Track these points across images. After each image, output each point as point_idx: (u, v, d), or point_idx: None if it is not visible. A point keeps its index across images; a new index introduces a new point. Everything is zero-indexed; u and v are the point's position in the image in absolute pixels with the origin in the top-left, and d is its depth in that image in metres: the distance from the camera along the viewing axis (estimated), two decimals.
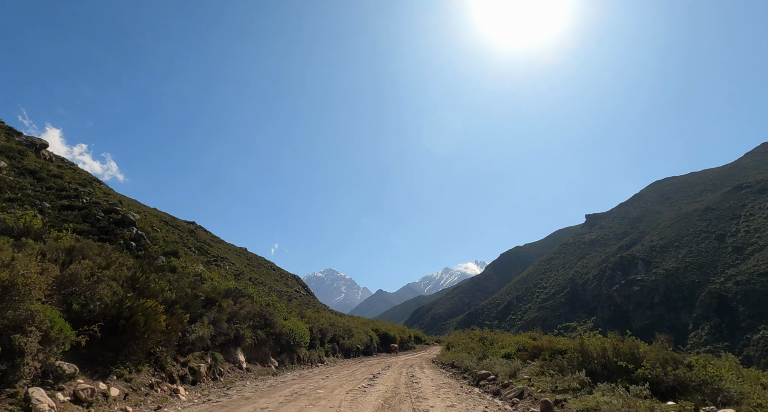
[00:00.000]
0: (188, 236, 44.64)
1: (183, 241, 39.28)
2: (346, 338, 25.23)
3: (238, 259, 55.00)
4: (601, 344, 8.17)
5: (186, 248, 37.02)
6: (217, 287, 12.86)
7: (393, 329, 39.78)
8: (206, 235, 61.02)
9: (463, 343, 19.86)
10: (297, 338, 15.83)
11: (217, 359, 10.51)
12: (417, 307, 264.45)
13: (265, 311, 14.25)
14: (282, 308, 17.15)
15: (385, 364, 17.98)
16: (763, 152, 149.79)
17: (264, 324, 13.88)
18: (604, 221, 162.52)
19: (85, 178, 28.13)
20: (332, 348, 22.56)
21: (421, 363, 18.42)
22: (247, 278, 41.16)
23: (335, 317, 29.59)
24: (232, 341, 11.61)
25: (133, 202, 45.71)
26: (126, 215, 15.25)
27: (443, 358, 18.37)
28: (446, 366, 15.89)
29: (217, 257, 41.80)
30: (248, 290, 15.25)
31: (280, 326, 14.71)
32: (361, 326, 32.17)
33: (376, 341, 32.32)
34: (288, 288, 51.26)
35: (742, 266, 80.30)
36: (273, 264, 67.47)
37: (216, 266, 38.66)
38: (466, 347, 17.46)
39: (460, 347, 19.16)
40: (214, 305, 11.42)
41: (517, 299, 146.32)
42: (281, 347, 15.27)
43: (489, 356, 13.23)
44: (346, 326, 27.29)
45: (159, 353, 8.29)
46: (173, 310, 8.87)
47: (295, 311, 20.50)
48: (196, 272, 13.15)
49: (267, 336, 13.78)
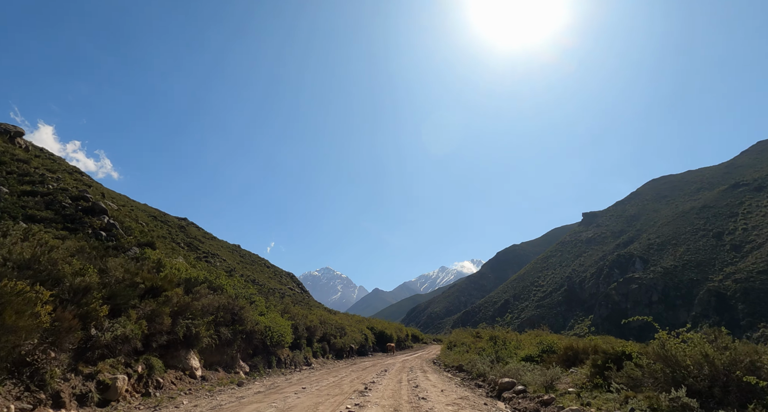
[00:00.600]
0: (178, 231, 43.09)
1: (172, 236, 37.76)
2: (337, 337, 23.32)
3: (230, 256, 53.50)
4: (700, 349, 5.64)
5: (174, 244, 35.52)
6: (171, 275, 10.22)
7: (389, 328, 38.38)
8: (198, 231, 59.44)
9: (467, 342, 18.42)
10: (276, 337, 13.65)
11: (153, 367, 7.96)
12: (413, 305, 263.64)
13: (233, 305, 11.79)
14: (260, 301, 14.95)
15: (381, 367, 16.20)
16: (759, 151, 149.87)
17: (231, 320, 11.51)
18: (601, 219, 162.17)
19: (65, 169, 26.58)
20: (322, 348, 20.58)
21: (422, 365, 16.63)
22: (238, 275, 39.73)
23: (327, 315, 27.69)
24: (182, 342, 9.09)
25: (120, 197, 44.06)
26: (97, 202, 13.74)
27: (446, 359, 16.70)
28: (452, 369, 14.32)
29: (208, 254, 40.32)
30: (220, 281, 13.05)
31: (253, 323, 12.35)
32: (356, 324, 30.55)
33: (371, 340, 30.51)
34: (282, 286, 49.85)
35: (741, 264, 79.83)
36: (267, 261, 65.99)
37: (206, 263, 37.22)
38: (475, 348, 15.77)
39: (464, 347, 17.67)
40: (159, 295, 8.90)
41: (513, 298, 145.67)
42: (254, 347, 13.10)
43: (504, 358, 11.56)
44: (339, 324, 25.50)
45: (39, 362, 5.64)
46: (82, 300, 6.54)
47: (278, 306, 18.36)
48: (160, 261, 11.23)
49: (234, 335, 11.36)
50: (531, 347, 11.89)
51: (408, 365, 16.80)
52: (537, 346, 11.36)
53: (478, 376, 10.89)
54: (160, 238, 33.53)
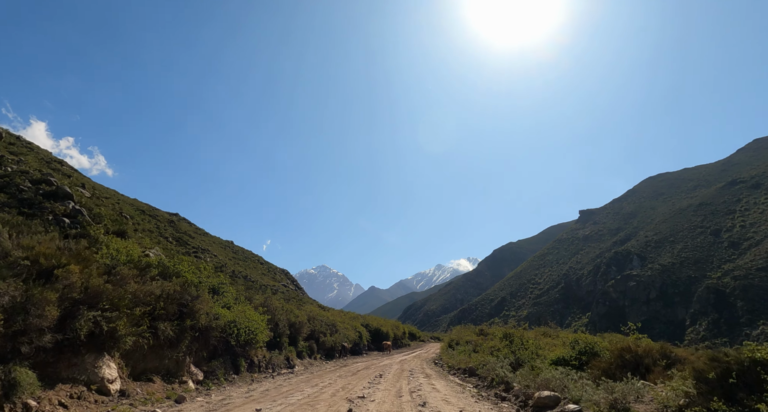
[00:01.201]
0: (167, 226, 41.60)
1: (160, 231, 36.30)
2: (327, 335, 21.21)
3: (223, 251, 52.09)
4: None
5: (162, 238, 34.11)
6: (92, 255, 8.02)
7: (386, 325, 36.87)
8: (189, 227, 57.94)
9: (472, 340, 17.10)
10: (245, 336, 11.18)
11: (17, 384, 5.20)
12: (410, 303, 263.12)
13: (182, 294, 9.20)
14: (230, 292, 12.61)
15: (376, 370, 14.22)
16: (755, 148, 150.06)
17: (178, 313, 8.84)
18: (598, 216, 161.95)
19: (43, 157, 25.08)
20: (308, 348, 18.26)
21: (423, 367, 15.03)
22: (230, 271, 38.39)
23: (318, 311, 26.04)
24: (86, 343, 6.54)
25: (106, 190, 42.49)
26: (62, 187, 12.35)
27: (450, 360, 15.18)
28: (459, 373, 12.60)
29: (198, 249, 38.89)
30: (180, 267, 10.94)
31: (210, 317, 9.76)
32: (350, 321, 29.05)
33: (366, 338, 29.15)
34: (275, 282, 48.54)
35: (739, 261, 79.45)
36: (261, 258, 64.60)
37: (196, 258, 35.84)
38: (487, 347, 14.12)
39: (468, 346, 16.31)
40: (50, 276, 6.47)
41: (510, 295, 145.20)
42: (212, 348, 10.48)
43: (526, 361, 9.74)
44: (330, 320, 23.62)
45: None
46: None
47: (257, 298, 16.02)
48: (97, 239, 9.56)
49: (181, 332, 8.71)
50: (561, 349, 10.02)
51: (407, 367, 15.11)
52: (570, 346, 9.53)
53: (498, 383, 8.99)
54: (147, 232, 32.13)
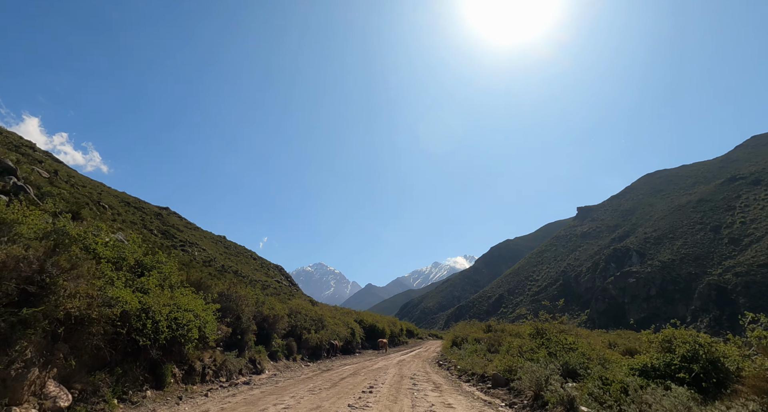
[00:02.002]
0: (153, 218, 39.73)
1: (144, 223, 34.45)
2: (312, 332, 18.60)
3: (213, 246, 50.29)
4: None
5: (146, 230, 32.30)
6: None
7: (382, 321, 35.01)
8: (180, 221, 56.06)
9: (481, 338, 15.29)
10: (169, 332, 7.78)
11: None
12: (406, 301, 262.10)
13: (40, 263, 5.78)
14: (169, 270, 9.51)
15: (367, 376, 11.44)
16: (753, 145, 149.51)
17: (18, 294, 5.47)
18: (596, 213, 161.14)
19: (11, 141, 23.20)
20: (286, 347, 15.34)
21: (428, 371, 12.60)
22: (219, 265, 36.64)
23: (303, 304, 23.81)
24: None
25: (90, 181, 40.52)
26: (3, 160, 10.52)
27: (460, 362, 12.76)
28: (476, 381, 9.87)
29: (186, 242, 37.10)
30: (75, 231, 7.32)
31: (92, 303, 6.18)
32: (342, 316, 27.02)
33: (359, 335, 27.14)
34: (268, 278, 46.82)
35: (740, 258, 78.47)
36: (254, 253, 62.82)
37: (182, 251, 34.07)
38: (514, 348, 11.50)
39: (479, 345, 14.36)
40: None
41: (508, 292, 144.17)
42: (98, 351, 6.56)
43: (584, 367, 7.14)
44: (317, 315, 21.25)
45: None
46: None
47: (215, 285, 12.41)
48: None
49: (20, 326, 5.27)
50: (650, 354, 6.73)
51: (407, 372, 12.45)
52: (661, 348, 6.52)
53: (557, 404, 6.08)
54: (129, 223, 30.31)
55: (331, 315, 24.40)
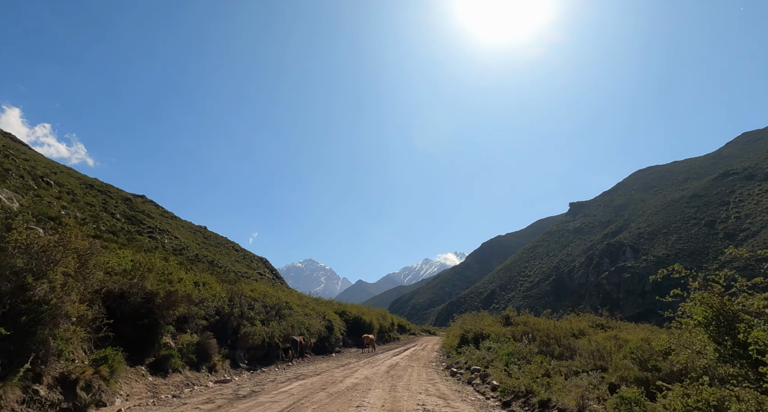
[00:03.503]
0: (120, 203, 36.05)
1: (106, 206, 30.85)
2: (256, 324, 13.33)
3: (191, 236, 46.72)
4: None
5: (105, 213, 28.78)
6: None
7: (369, 314, 31.16)
8: (156, 209, 52.27)
9: (505, 333, 11.75)
10: None
11: None
12: (397, 297, 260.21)
13: None
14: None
15: (327, 405, 7.09)
16: (744, 142, 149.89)
17: None
18: (588, 209, 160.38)
19: None
20: (197, 347, 10.18)
21: (441, 392, 8.37)
22: (193, 254, 33.23)
23: (263, 289, 17.96)
24: None
25: (44, 160, 36.68)
26: None
27: (498, 375, 8.80)
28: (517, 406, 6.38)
29: (155, 229, 33.54)
30: None
31: None
32: (318, 306, 22.77)
33: (340, 330, 23.28)
34: (250, 269, 43.47)
35: (737, 253, 77.33)
36: (237, 245, 59.31)
37: (150, 238, 30.61)
38: (640, 356, 7.34)
39: (511, 345, 10.83)
40: None
41: (500, 288, 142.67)
42: None
43: None
44: (273, 299, 16.11)
45: None
46: None
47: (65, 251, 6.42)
48: None
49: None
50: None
51: (405, 396, 7.87)
52: None
53: None
54: (87, 205, 26.74)
55: (302, 303, 19.97)
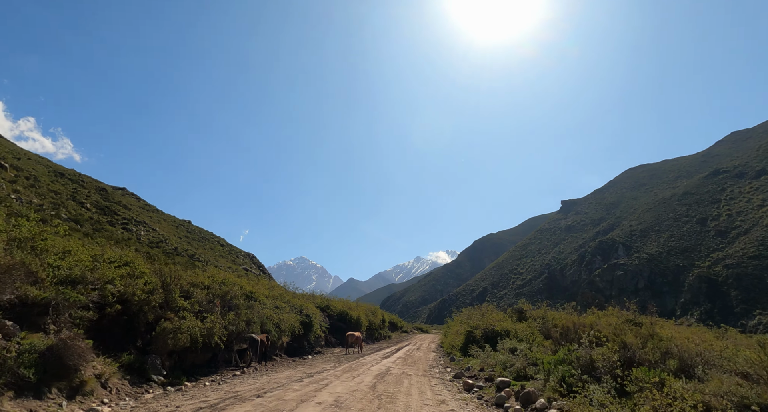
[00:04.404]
0: (94, 193, 33.65)
1: (74, 195, 28.50)
2: (187, 318, 9.42)
3: (173, 229, 44.38)
4: None
5: (73, 202, 26.48)
6: None
7: (357, 309, 27.97)
8: (137, 202, 49.73)
9: (528, 331, 9.75)
10: None
11: None
12: (388, 294, 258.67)
13: None
14: None
15: None
16: (732, 141, 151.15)
17: None
18: (580, 206, 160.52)
19: None
20: (35, 360, 5.61)
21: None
22: (171, 248, 31.07)
23: (218, 274, 14.60)
24: None
25: (10, 145, 34.13)
26: None
27: (547, 393, 6.78)
28: None
29: (130, 220, 31.26)
30: None
31: None
32: (297, 300, 19.48)
33: (322, 326, 19.85)
34: (234, 265, 41.35)
35: (730, 250, 77.25)
36: (223, 240, 57.02)
37: (123, 229, 28.39)
38: None
39: (539, 350, 8.24)
40: None
41: (492, 286, 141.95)
42: None
43: None
44: (230, 289, 12.47)
45: None
46: None
47: None
48: None
49: None
50: None
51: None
52: None
53: None
54: (51, 192, 24.47)
55: (273, 295, 16.81)
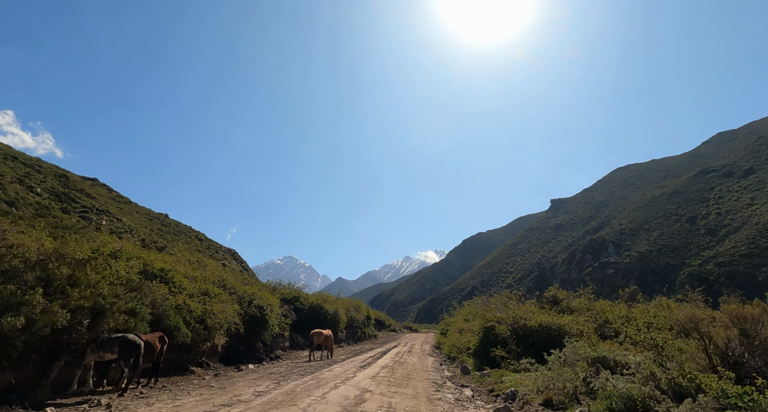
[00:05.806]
0: (52, 179, 30.44)
1: (24, 178, 25.37)
2: None
3: (147, 222, 41.23)
4: None
5: (23, 187, 23.45)
6: None
7: (334, 303, 23.67)
8: (108, 193, 46.33)
9: (584, 332, 7.61)
10: None
11: None
12: (377, 294, 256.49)
13: None
14: None
15: None
16: (719, 141, 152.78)
17: None
18: (569, 205, 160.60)
19: None
20: None
21: None
22: (139, 239, 28.16)
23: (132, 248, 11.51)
24: None
25: None
26: None
27: None
28: None
29: (91, 209, 28.21)
30: None
31: None
32: (247, 287, 15.97)
33: (282, 323, 16.55)
34: (213, 260, 38.41)
35: (719, 248, 76.95)
36: (202, 235, 53.87)
37: (80, 218, 25.42)
38: None
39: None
40: None
41: (481, 284, 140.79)
42: None
43: None
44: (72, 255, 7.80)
45: None
46: None
47: None
48: None
49: None
50: None
51: None
52: None
53: None
54: None
55: (202, 277, 12.44)
